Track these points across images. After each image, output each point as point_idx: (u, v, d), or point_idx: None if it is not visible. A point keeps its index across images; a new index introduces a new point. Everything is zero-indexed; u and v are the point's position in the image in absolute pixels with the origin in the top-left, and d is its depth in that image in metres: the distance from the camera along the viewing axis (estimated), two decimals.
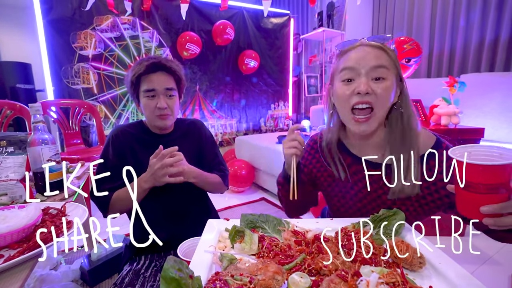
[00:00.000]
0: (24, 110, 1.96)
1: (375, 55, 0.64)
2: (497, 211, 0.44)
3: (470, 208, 0.46)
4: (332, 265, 0.45)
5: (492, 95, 2.20)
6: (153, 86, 0.88)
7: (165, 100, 0.89)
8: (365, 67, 0.64)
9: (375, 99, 0.63)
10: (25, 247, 0.50)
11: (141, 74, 0.87)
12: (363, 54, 0.65)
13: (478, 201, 0.45)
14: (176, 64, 0.93)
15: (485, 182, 0.43)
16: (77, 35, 2.46)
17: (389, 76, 0.64)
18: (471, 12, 2.57)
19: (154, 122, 0.92)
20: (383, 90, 0.63)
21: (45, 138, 0.81)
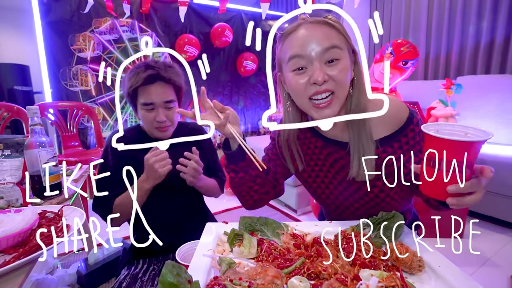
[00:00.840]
0: (22, 112, 1.95)
1: (323, 34, 0.56)
2: (462, 190, 0.44)
3: (435, 188, 0.46)
4: (332, 268, 0.45)
5: (488, 97, 2.22)
6: (151, 100, 0.83)
7: (164, 112, 0.86)
8: (315, 50, 0.56)
9: (333, 85, 0.57)
10: (21, 252, 0.49)
11: (138, 87, 0.83)
12: (309, 35, 0.57)
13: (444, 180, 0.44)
14: (176, 72, 0.88)
15: (452, 159, 0.42)
16: (76, 37, 2.45)
17: (343, 55, 0.57)
18: (466, 15, 2.60)
19: (153, 133, 0.90)
20: (340, 72, 0.56)
21: (42, 141, 0.80)
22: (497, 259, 1.46)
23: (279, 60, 0.65)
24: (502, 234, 1.71)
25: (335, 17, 0.59)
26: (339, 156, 0.69)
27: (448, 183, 0.44)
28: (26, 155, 0.79)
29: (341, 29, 0.59)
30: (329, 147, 0.70)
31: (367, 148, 0.62)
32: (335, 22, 0.58)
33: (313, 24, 0.58)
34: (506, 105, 2.11)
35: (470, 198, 0.46)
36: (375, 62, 2.54)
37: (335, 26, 0.58)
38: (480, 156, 1.72)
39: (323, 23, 0.58)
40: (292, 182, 2.11)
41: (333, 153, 0.69)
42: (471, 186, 0.45)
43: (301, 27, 0.58)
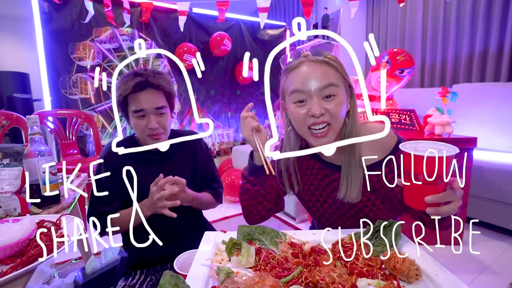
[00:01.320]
0: (21, 120, 1.95)
1: (322, 72, 0.64)
2: (439, 200, 0.50)
3: (415, 199, 0.52)
4: (329, 278, 0.45)
5: (483, 104, 2.25)
6: (141, 106, 0.83)
7: (156, 119, 0.85)
8: (314, 87, 0.64)
9: (329, 117, 0.65)
10: (18, 263, 0.49)
11: (127, 95, 0.82)
12: (309, 73, 0.64)
13: (422, 192, 0.50)
14: (165, 78, 0.87)
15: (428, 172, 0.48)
16: (76, 46, 2.48)
17: (339, 91, 0.65)
18: (460, 25, 2.66)
19: (146, 142, 0.88)
20: (336, 106, 0.64)
21: (41, 150, 0.81)
22: (496, 267, 1.46)
23: (283, 90, 0.73)
24: (501, 241, 1.71)
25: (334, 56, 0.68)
26: (334, 178, 0.75)
27: (426, 194, 0.50)
28: (25, 164, 0.80)
29: (338, 67, 0.66)
30: (326, 169, 0.76)
31: (354, 173, 0.69)
32: (334, 61, 0.66)
33: (314, 62, 0.65)
34: (501, 113, 2.14)
35: (447, 207, 0.51)
36: (372, 70, 2.58)
37: (333, 65, 0.65)
38: (477, 163, 1.75)
39: (323, 62, 0.65)
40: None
41: (328, 175, 0.76)
42: (445, 196, 0.50)
43: (303, 64, 0.66)
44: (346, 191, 0.70)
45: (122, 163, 0.87)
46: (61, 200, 0.89)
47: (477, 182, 1.78)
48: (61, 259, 1.59)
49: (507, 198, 1.71)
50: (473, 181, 1.62)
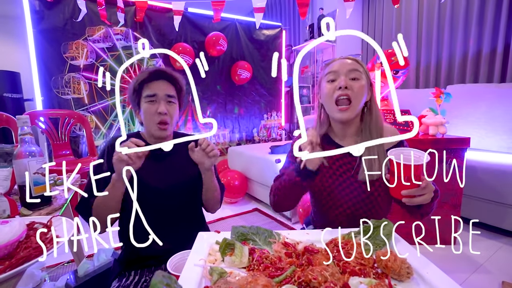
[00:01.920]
0: (11, 121, 1.92)
1: (351, 63, 0.84)
2: (411, 194, 0.67)
3: (396, 192, 0.69)
4: (322, 277, 0.45)
5: (476, 105, 2.28)
6: (154, 91, 0.89)
7: (165, 106, 0.90)
8: (344, 70, 0.83)
9: (352, 93, 0.81)
10: (7, 265, 0.48)
11: (144, 80, 0.89)
12: (342, 63, 0.84)
13: (402, 187, 0.67)
14: (179, 75, 0.95)
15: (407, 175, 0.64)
16: (69, 45, 2.45)
17: (362, 77, 0.82)
18: (454, 26, 2.69)
19: (153, 131, 0.91)
20: (358, 87, 0.81)
21: (32, 150, 0.79)
22: (489, 265, 1.48)
23: (320, 79, 0.91)
24: (494, 240, 1.73)
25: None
26: (347, 161, 0.87)
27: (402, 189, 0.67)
28: (15, 165, 0.78)
29: (363, 65, 0.84)
30: (345, 158, 0.87)
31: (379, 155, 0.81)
32: (361, 62, 0.85)
33: (347, 58, 0.85)
34: (494, 113, 2.18)
35: (419, 198, 0.68)
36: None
37: (360, 63, 0.84)
38: (470, 163, 1.76)
39: (353, 59, 0.84)
40: None
41: (342, 158, 0.87)
42: (417, 191, 0.67)
43: (338, 60, 0.86)
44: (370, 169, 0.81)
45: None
46: (53, 201, 0.87)
47: (470, 182, 1.80)
48: (52, 261, 1.56)
49: (500, 198, 1.74)
50: (467, 181, 1.64)
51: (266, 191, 2.45)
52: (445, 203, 1.62)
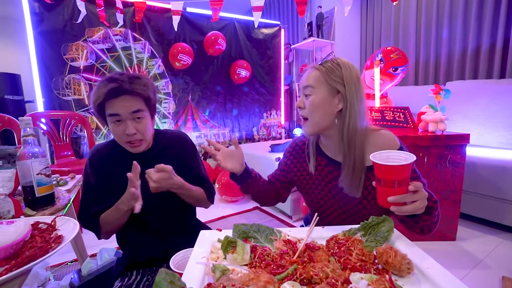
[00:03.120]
0: (13, 122, 1.93)
1: (305, 78, 0.80)
2: (399, 200, 0.58)
3: (383, 199, 0.60)
4: (323, 273, 0.46)
5: (476, 101, 2.28)
6: (117, 111, 0.79)
7: (133, 124, 0.81)
8: (301, 86, 0.82)
9: (305, 112, 0.80)
10: (13, 264, 0.49)
11: (102, 102, 0.78)
12: (304, 76, 0.82)
13: (388, 194, 0.59)
14: (142, 82, 0.82)
15: (390, 178, 0.58)
16: (69, 47, 2.46)
17: (315, 92, 0.78)
18: (453, 23, 2.69)
19: (126, 148, 0.86)
20: (309, 103, 0.79)
21: (35, 151, 0.80)
22: (489, 261, 1.49)
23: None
24: (493, 236, 1.74)
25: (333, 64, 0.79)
26: (338, 174, 0.83)
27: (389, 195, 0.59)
28: (18, 166, 0.79)
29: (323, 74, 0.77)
30: (331, 166, 0.85)
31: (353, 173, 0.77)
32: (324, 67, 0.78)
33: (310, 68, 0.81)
34: (493, 109, 2.18)
35: (409, 206, 0.59)
36: (366, 68, 2.60)
37: (320, 70, 0.78)
38: (470, 159, 1.77)
39: (313, 68, 0.80)
40: None
41: (333, 171, 0.85)
42: (405, 197, 0.58)
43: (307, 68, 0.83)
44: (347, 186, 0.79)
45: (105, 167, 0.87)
46: (56, 201, 0.88)
47: (470, 178, 1.80)
48: (56, 261, 1.58)
49: (499, 194, 1.74)
50: (466, 177, 1.65)
51: None
52: (445, 199, 1.62)
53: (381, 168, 0.59)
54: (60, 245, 0.55)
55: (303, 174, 0.91)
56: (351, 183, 0.77)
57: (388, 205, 0.60)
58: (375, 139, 0.78)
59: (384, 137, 0.79)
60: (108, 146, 0.92)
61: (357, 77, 0.78)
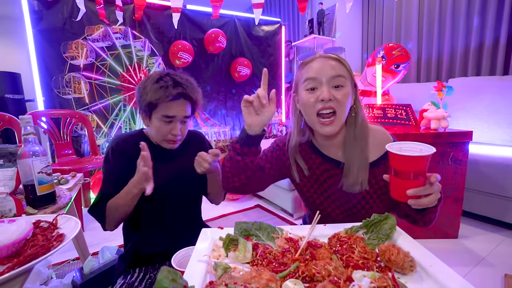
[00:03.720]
0: (13, 121, 1.93)
1: (333, 66, 0.72)
2: (418, 193, 0.57)
3: (399, 192, 0.59)
4: (325, 271, 0.46)
5: (479, 98, 2.27)
6: (174, 113, 0.85)
7: (180, 126, 0.87)
8: (326, 76, 0.71)
9: (336, 104, 0.72)
10: (15, 262, 0.49)
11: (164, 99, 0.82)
12: (322, 65, 0.73)
13: (404, 186, 0.57)
14: (197, 89, 0.90)
15: (409, 169, 0.56)
16: (68, 45, 2.45)
17: (346, 84, 0.73)
18: (456, 19, 2.67)
19: (161, 144, 0.90)
20: (343, 96, 0.72)
21: (36, 150, 0.80)
22: (491, 259, 1.48)
23: (296, 82, 0.80)
24: (496, 234, 1.73)
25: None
26: (334, 173, 0.80)
27: (407, 188, 0.57)
28: (19, 165, 0.79)
29: (347, 65, 0.75)
30: (326, 164, 0.81)
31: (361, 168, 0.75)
32: (343, 60, 0.75)
33: (326, 58, 0.74)
34: (496, 106, 2.16)
35: (426, 199, 0.58)
36: (368, 65, 2.59)
37: (343, 62, 0.74)
38: (472, 156, 1.76)
39: (335, 59, 0.74)
40: (287, 187, 2.11)
41: (329, 170, 0.80)
42: (425, 189, 0.57)
43: (317, 59, 0.75)
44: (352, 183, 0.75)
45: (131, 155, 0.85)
46: (57, 200, 0.88)
47: (472, 175, 1.80)
48: (58, 259, 1.58)
49: (502, 191, 1.73)
50: (469, 174, 1.64)
51: (268, 188, 2.45)
52: (448, 197, 1.62)
53: (398, 159, 0.56)
54: (62, 244, 0.55)
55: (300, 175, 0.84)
56: (356, 180, 0.74)
57: (405, 198, 0.58)
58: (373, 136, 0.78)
59: (380, 132, 0.80)
60: (134, 137, 0.92)
61: None
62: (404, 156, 0.55)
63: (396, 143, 0.61)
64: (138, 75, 2.81)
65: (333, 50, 0.77)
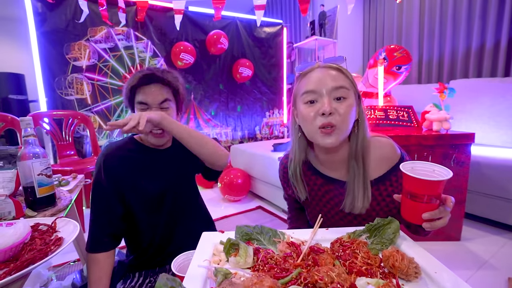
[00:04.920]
0: (16, 122, 1.93)
1: (334, 76, 0.67)
2: (433, 216, 0.55)
3: (413, 215, 0.57)
4: (328, 277, 0.45)
5: (480, 100, 2.25)
6: (145, 99, 0.82)
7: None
8: (326, 87, 0.66)
9: (338, 119, 0.65)
10: (12, 267, 0.48)
11: (134, 86, 0.82)
12: (322, 76, 0.67)
13: (420, 209, 0.56)
14: (173, 75, 0.87)
15: (426, 193, 0.54)
16: (71, 46, 2.46)
17: (349, 95, 0.67)
18: (456, 20, 2.66)
19: (148, 139, 0.86)
20: (346, 108, 0.65)
21: (36, 151, 0.79)
22: (495, 262, 1.46)
23: (295, 95, 0.74)
24: (499, 236, 1.71)
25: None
26: (338, 193, 0.76)
27: (423, 211, 0.55)
28: (19, 167, 0.78)
29: (349, 75, 0.69)
30: (329, 185, 0.77)
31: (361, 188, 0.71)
32: (345, 70, 0.69)
33: (326, 68, 0.69)
34: (498, 108, 2.15)
35: (440, 222, 0.57)
36: (369, 67, 2.58)
37: (344, 72, 0.68)
38: (474, 158, 1.74)
39: (335, 69, 0.69)
40: None
41: (332, 190, 0.77)
42: (439, 213, 0.56)
43: (316, 70, 0.70)
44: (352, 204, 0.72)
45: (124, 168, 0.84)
46: (57, 202, 0.88)
47: (474, 177, 1.78)
48: (58, 261, 1.58)
49: (505, 193, 1.72)
50: (471, 176, 1.62)
51: (269, 189, 2.46)
52: None
53: (417, 183, 0.54)
54: (60, 248, 0.55)
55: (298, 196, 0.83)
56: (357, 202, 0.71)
57: (420, 221, 0.56)
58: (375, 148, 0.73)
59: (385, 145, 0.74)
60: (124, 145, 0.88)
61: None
62: (422, 180, 0.53)
63: (409, 163, 0.58)
64: None
65: (333, 59, 0.70)
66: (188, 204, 0.95)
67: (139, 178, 0.84)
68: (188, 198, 0.95)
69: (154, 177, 0.87)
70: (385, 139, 0.74)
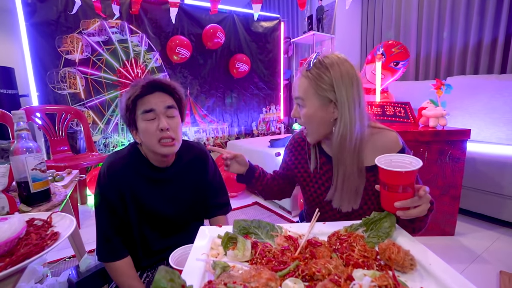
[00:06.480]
0: (7, 117, 1.89)
1: (298, 85, 0.76)
2: (406, 205, 0.58)
3: (388, 204, 0.61)
4: (325, 269, 0.45)
5: (477, 96, 2.27)
6: (151, 106, 0.78)
7: (166, 120, 0.79)
8: (294, 95, 0.79)
9: (302, 122, 0.79)
10: (7, 262, 0.47)
11: (137, 96, 0.78)
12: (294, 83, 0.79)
13: (394, 198, 0.59)
14: (175, 84, 0.85)
15: (397, 183, 0.58)
16: (63, 39, 2.41)
17: (306, 104, 0.75)
18: (455, 17, 2.66)
19: (157, 149, 0.79)
20: (303, 115, 0.76)
21: (29, 146, 0.78)
22: (487, 256, 1.50)
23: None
24: (491, 231, 1.75)
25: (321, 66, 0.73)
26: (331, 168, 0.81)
27: (396, 200, 0.59)
28: (12, 162, 0.77)
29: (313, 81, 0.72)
30: (329, 164, 0.82)
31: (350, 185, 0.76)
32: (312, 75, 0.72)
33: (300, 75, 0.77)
34: (494, 105, 2.17)
35: (415, 210, 0.59)
36: (367, 63, 2.58)
37: (309, 78, 0.73)
38: (469, 154, 1.75)
39: (302, 76, 0.76)
40: None
41: (331, 169, 0.80)
42: (412, 202, 0.59)
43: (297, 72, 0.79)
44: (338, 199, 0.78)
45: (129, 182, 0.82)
46: (52, 197, 0.86)
47: (470, 173, 1.81)
48: (54, 257, 1.57)
49: (498, 189, 1.75)
50: (466, 172, 1.65)
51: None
52: (445, 195, 1.62)
53: (386, 174, 0.58)
54: (56, 242, 0.54)
55: (301, 171, 0.89)
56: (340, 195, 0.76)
57: (394, 209, 0.60)
58: (375, 139, 0.76)
59: (385, 138, 0.76)
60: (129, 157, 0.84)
61: (348, 75, 0.70)
62: (392, 171, 0.57)
63: (387, 156, 0.62)
64: (135, 71, 2.78)
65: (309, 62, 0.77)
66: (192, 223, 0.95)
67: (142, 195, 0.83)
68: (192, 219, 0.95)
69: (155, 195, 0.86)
70: (389, 132, 0.78)
